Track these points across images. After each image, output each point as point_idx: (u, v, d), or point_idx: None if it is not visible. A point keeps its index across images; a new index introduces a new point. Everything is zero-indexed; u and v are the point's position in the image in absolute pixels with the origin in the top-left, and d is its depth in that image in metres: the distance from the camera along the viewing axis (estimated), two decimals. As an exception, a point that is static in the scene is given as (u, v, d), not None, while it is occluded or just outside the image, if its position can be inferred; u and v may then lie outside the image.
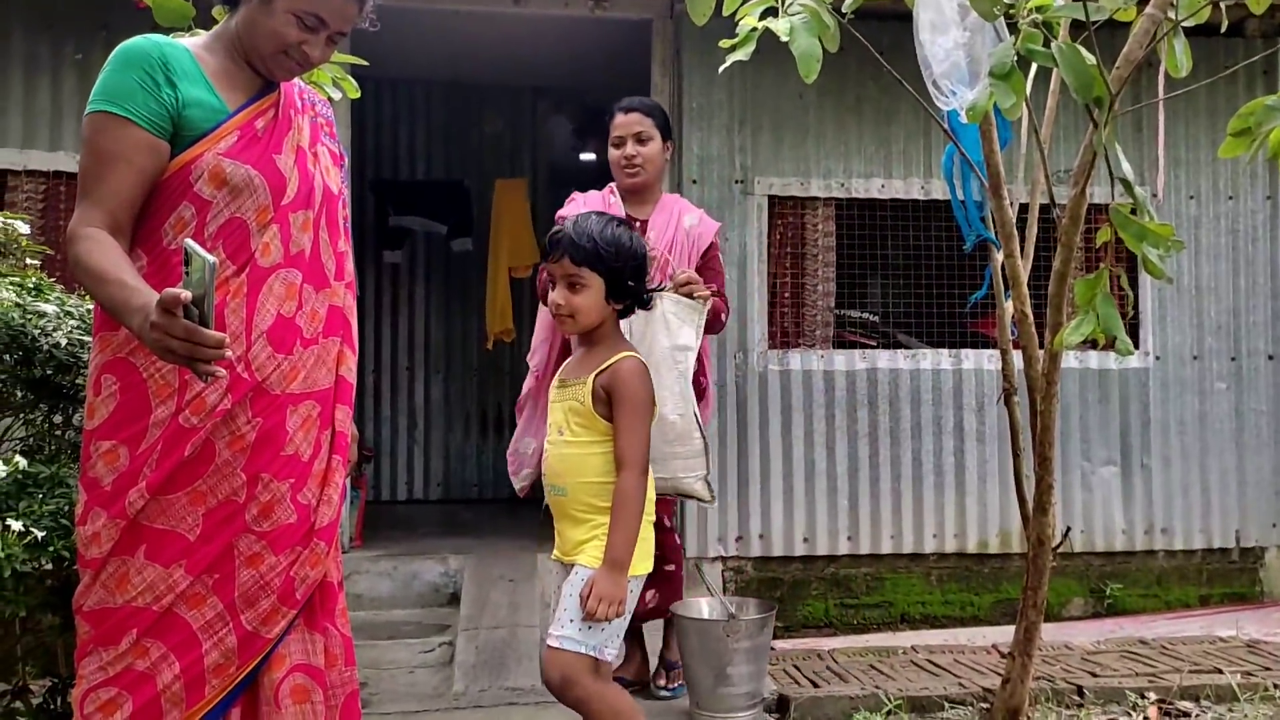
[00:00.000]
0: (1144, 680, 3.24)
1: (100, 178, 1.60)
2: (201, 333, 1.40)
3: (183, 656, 1.63)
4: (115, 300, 1.51)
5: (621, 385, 2.09)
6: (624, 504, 2.04)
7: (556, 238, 2.14)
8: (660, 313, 2.72)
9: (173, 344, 1.41)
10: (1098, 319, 2.20)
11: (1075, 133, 4.44)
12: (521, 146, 6.53)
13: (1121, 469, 4.58)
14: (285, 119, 1.76)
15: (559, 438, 2.15)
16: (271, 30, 1.67)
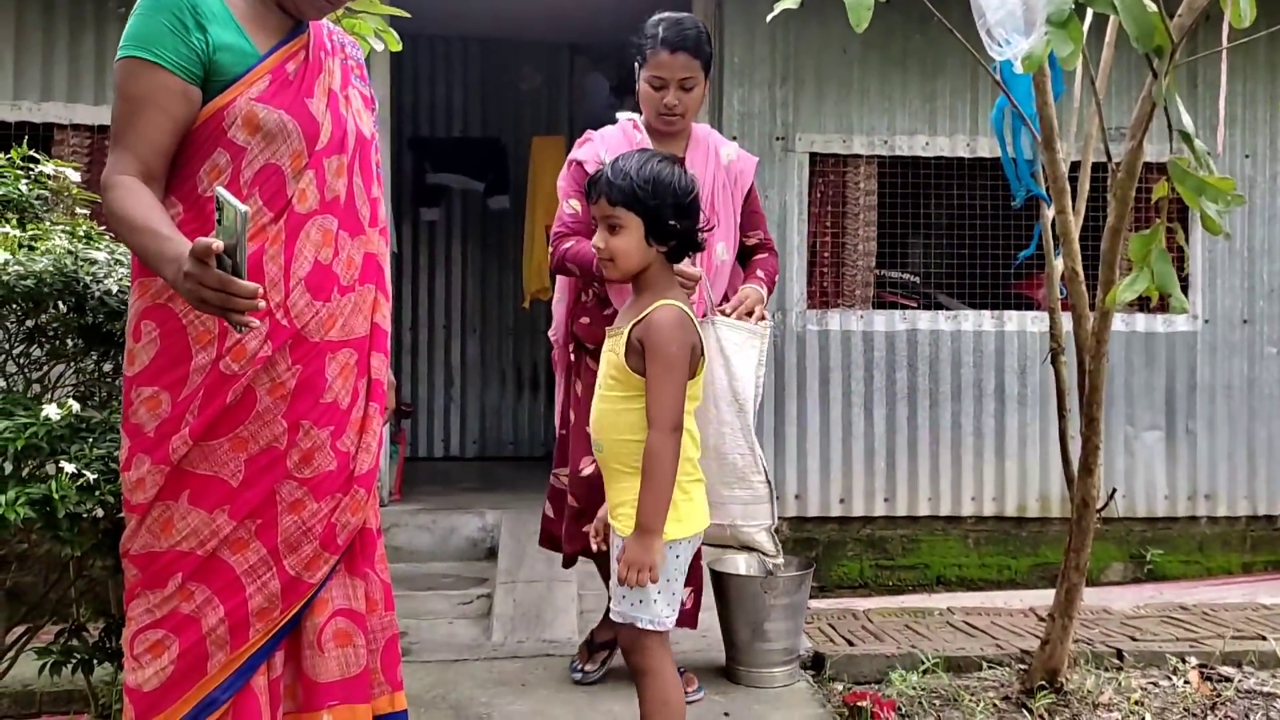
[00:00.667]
0: (1185, 645, 3.20)
1: (132, 124, 1.58)
2: (235, 283, 1.38)
3: (227, 600, 1.65)
4: (149, 250, 1.49)
5: (653, 336, 1.94)
6: (652, 465, 1.91)
7: (595, 178, 2.03)
8: (714, 341, 2.43)
9: (206, 294, 1.39)
10: (1152, 276, 2.15)
11: (1128, 89, 4.32)
12: (559, 104, 6.47)
13: (1166, 434, 4.51)
14: (316, 61, 1.72)
15: (600, 391, 2.05)
16: None
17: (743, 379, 2.44)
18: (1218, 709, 2.63)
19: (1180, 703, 2.67)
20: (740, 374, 2.44)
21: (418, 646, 3.18)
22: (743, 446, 2.42)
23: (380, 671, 1.81)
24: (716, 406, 2.39)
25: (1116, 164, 2.39)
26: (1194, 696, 2.72)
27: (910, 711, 2.63)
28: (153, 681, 1.63)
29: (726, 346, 2.46)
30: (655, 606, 1.96)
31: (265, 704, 1.67)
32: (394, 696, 1.83)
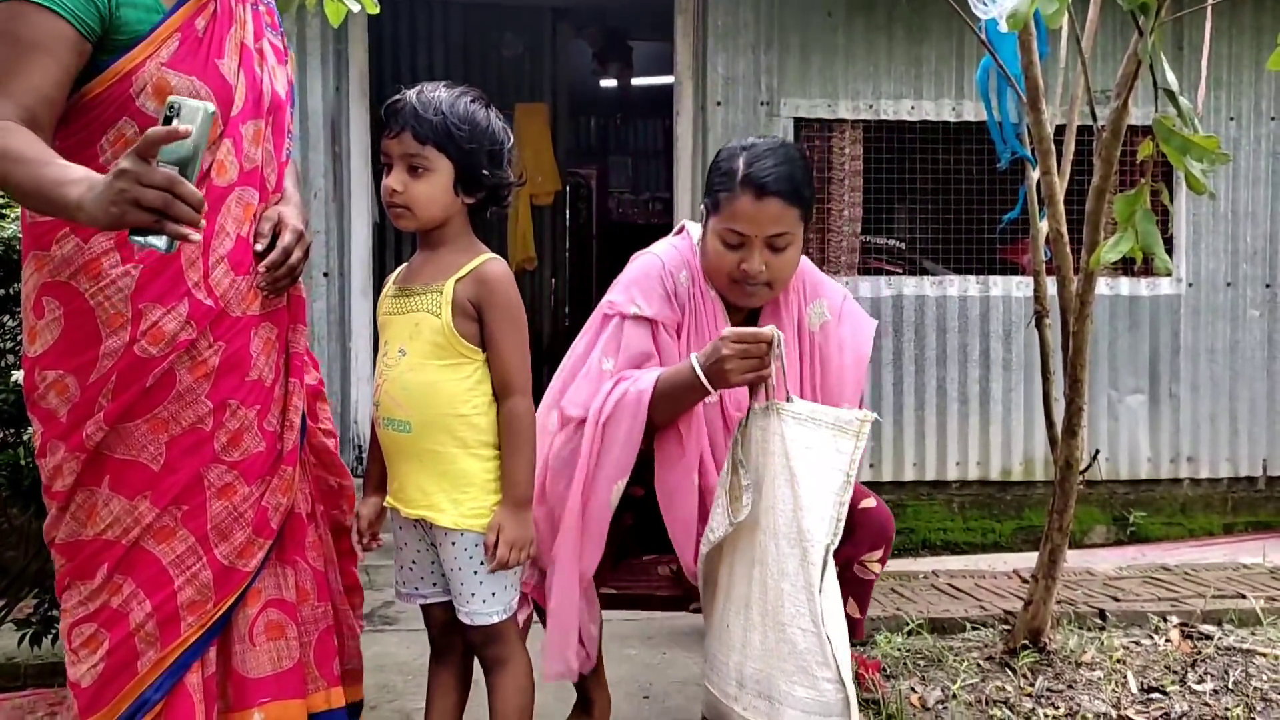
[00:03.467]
0: (1166, 604, 3.24)
1: (15, 71, 1.41)
2: (185, 184, 1.21)
3: (154, 594, 1.56)
4: (44, 179, 1.32)
5: (495, 295, 1.70)
6: (521, 434, 1.71)
7: (396, 107, 1.71)
8: (777, 444, 1.71)
9: (144, 194, 1.20)
10: (1136, 236, 2.14)
11: (1114, 53, 4.30)
12: (541, 71, 6.41)
13: (1149, 397, 4.54)
14: (225, 13, 1.59)
15: (399, 358, 1.72)
16: None
17: (814, 510, 1.65)
18: (1198, 666, 2.66)
19: (1161, 660, 2.70)
20: (810, 501, 1.66)
21: (405, 615, 3.18)
22: (805, 618, 1.65)
23: (314, 666, 1.71)
24: (775, 544, 1.69)
25: (1102, 126, 2.38)
26: (1175, 654, 2.76)
27: (895, 672, 2.66)
28: (88, 678, 1.56)
29: (794, 453, 1.69)
30: (515, 587, 1.77)
31: (200, 702, 1.58)
32: (330, 692, 1.73)
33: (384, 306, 1.80)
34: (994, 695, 2.48)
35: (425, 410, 1.70)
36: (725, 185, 1.91)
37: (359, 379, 4.18)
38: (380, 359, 1.77)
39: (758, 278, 1.91)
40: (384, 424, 1.74)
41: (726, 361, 1.73)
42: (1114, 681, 2.55)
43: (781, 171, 1.89)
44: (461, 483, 1.70)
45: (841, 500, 1.65)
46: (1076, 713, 2.37)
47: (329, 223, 4.13)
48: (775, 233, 1.89)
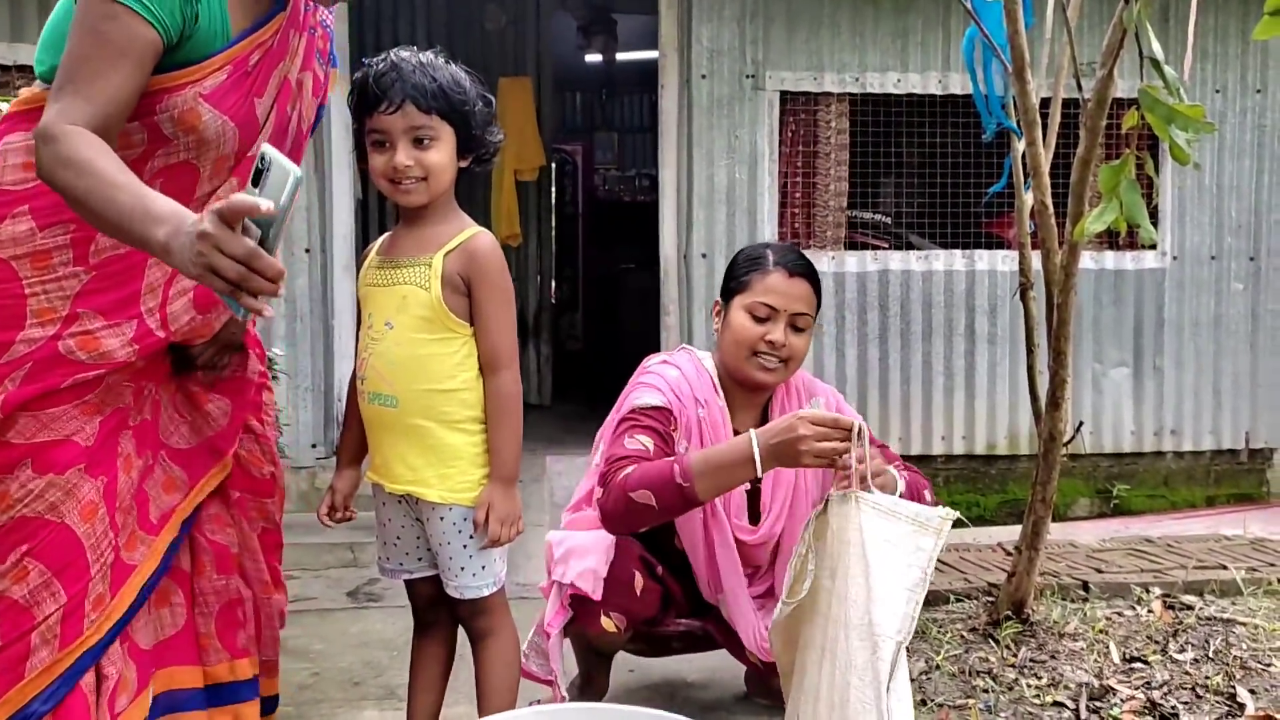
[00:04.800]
0: (1149, 576, 3.26)
1: (100, 73, 1.33)
2: (264, 257, 1.16)
3: (71, 584, 1.41)
4: (124, 207, 1.24)
5: (485, 269, 1.68)
6: (509, 409, 1.70)
7: (385, 82, 1.64)
8: (855, 533, 1.64)
9: (222, 264, 1.15)
10: (1121, 207, 2.13)
11: (1100, 23, 4.28)
12: (525, 44, 6.34)
13: (1133, 370, 4.56)
14: (281, 46, 1.52)
15: (386, 331, 1.69)
16: None
17: (888, 604, 1.59)
18: (1179, 635, 2.68)
19: (1143, 631, 2.72)
20: (883, 594, 1.59)
21: (389, 592, 3.18)
22: (871, 714, 1.57)
23: (216, 637, 1.63)
24: (846, 636, 1.63)
25: (1087, 98, 2.36)
26: (1157, 624, 2.78)
27: (880, 644, 2.67)
28: None
29: (871, 546, 1.62)
30: (501, 562, 1.76)
31: (94, 704, 1.44)
32: (234, 664, 1.65)
33: (366, 278, 1.75)
34: (977, 666, 2.49)
35: (412, 385, 1.67)
36: (755, 267, 2.07)
37: (342, 356, 4.15)
38: (364, 331, 1.73)
39: (780, 351, 2.04)
40: (369, 398, 1.71)
41: (802, 442, 1.71)
42: (1096, 652, 2.56)
43: (806, 261, 2.12)
44: (448, 457, 1.68)
45: (917, 598, 1.59)
46: (1059, 682, 2.39)
47: (310, 199, 4.09)
48: (799, 311, 2.05)
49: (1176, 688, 2.35)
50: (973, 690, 2.37)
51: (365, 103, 1.66)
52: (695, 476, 1.81)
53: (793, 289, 2.04)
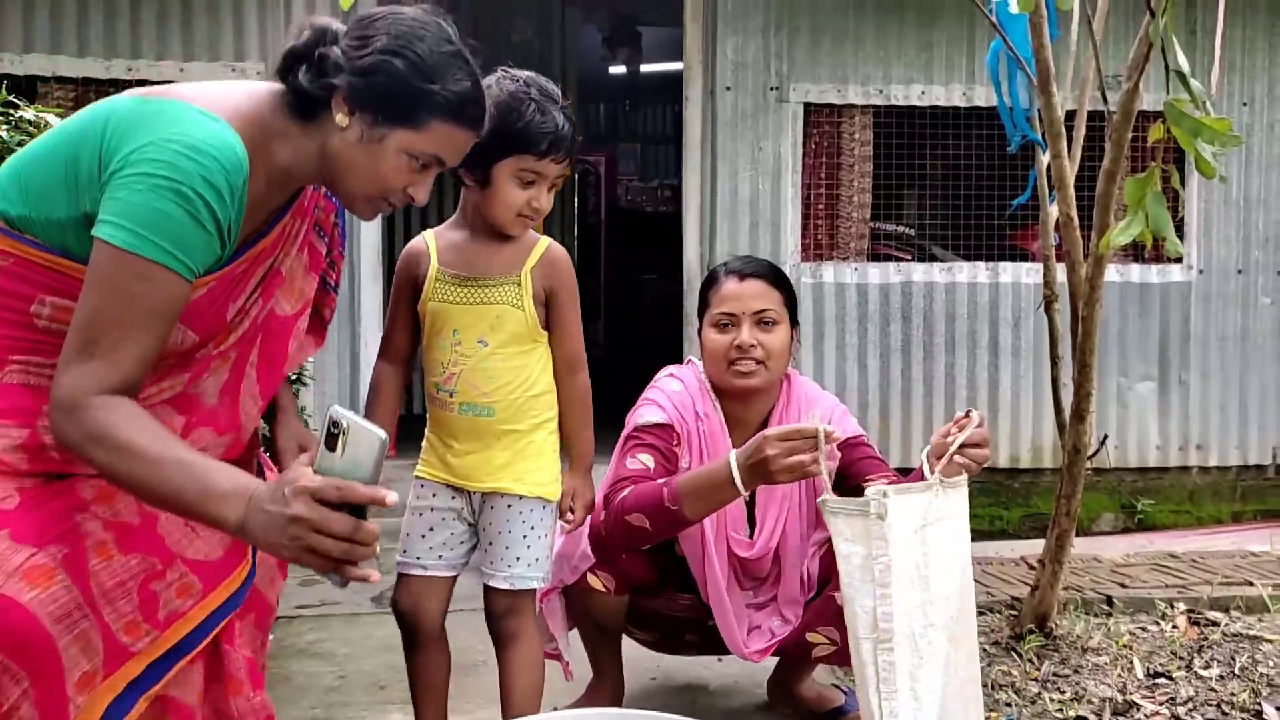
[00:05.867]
0: (1173, 591, 3.23)
1: (130, 337, 1.21)
2: (365, 528, 1.10)
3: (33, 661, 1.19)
4: (179, 488, 1.16)
5: (564, 277, 1.81)
6: (588, 405, 1.87)
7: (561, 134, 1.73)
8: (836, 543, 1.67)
9: (325, 545, 1.09)
10: (1147, 219, 2.13)
11: (1125, 36, 4.27)
12: (550, 55, 6.39)
13: (1158, 384, 4.53)
14: (273, 245, 1.42)
15: (479, 348, 1.78)
16: (378, 173, 1.35)
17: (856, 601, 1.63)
18: (1204, 651, 2.66)
19: (1168, 646, 2.70)
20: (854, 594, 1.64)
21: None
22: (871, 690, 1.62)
23: None
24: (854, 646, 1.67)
25: (1112, 110, 2.37)
26: (1181, 640, 2.76)
27: (901, 656, 2.67)
28: None
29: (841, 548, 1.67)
30: (548, 563, 1.86)
31: None
32: None
33: (441, 294, 1.80)
34: (1000, 679, 2.48)
35: (509, 394, 1.79)
36: (711, 284, 2.12)
37: (367, 363, 4.20)
38: (451, 348, 1.80)
39: (750, 351, 2.03)
40: (459, 409, 1.80)
41: (771, 461, 1.75)
42: (1120, 666, 2.55)
43: (761, 263, 2.14)
44: (532, 454, 1.81)
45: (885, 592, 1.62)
46: (1082, 697, 2.38)
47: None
48: (760, 308, 2.05)
49: (1202, 704, 2.33)
50: (995, 704, 2.36)
51: (524, 143, 1.71)
52: (683, 499, 1.86)
53: (745, 290, 2.06)
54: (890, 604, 1.61)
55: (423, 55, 1.33)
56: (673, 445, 2.07)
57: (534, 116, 1.72)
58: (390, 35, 1.33)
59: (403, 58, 1.32)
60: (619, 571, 2.07)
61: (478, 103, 1.40)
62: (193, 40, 4.05)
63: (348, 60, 1.32)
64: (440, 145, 1.37)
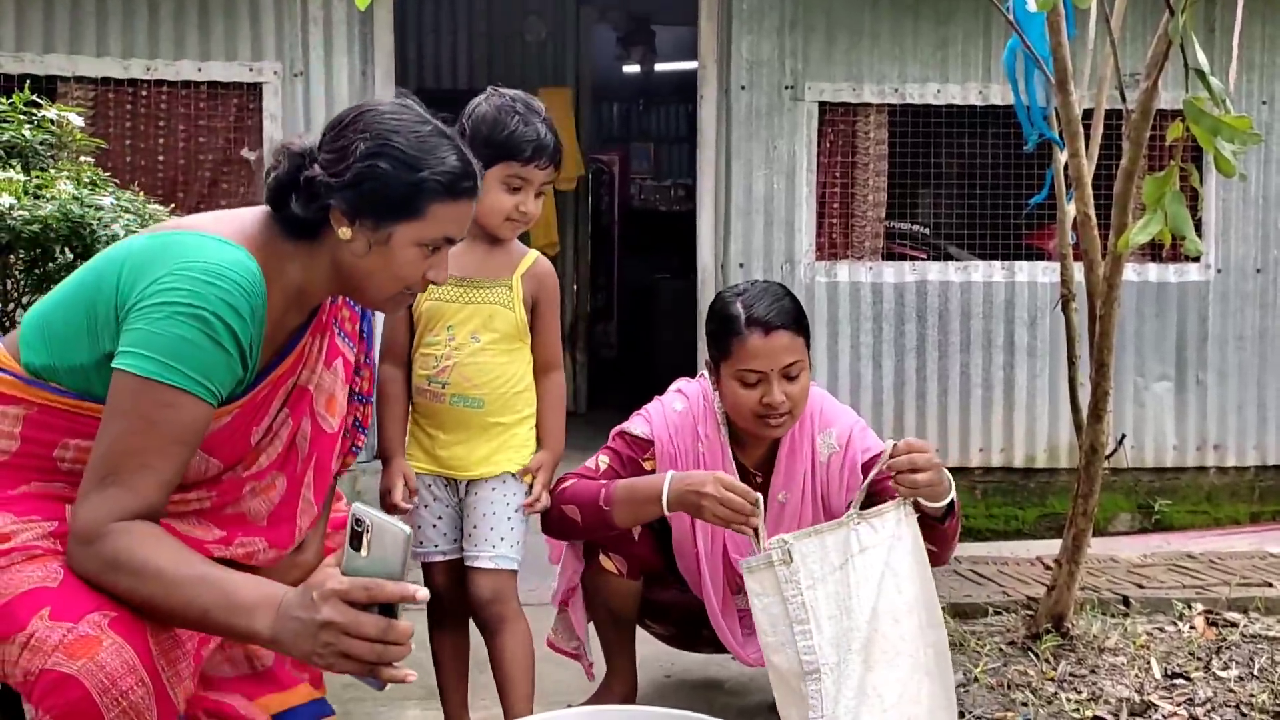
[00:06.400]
0: (1191, 592, 3.22)
1: (151, 464, 1.21)
2: (398, 626, 1.09)
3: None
4: (205, 604, 1.14)
5: (548, 289, 2.00)
6: (563, 400, 2.07)
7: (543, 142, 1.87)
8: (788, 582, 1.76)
9: (358, 648, 1.08)
10: (1165, 218, 2.12)
11: (1143, 34, 4.25)
12: (565, 55, 6.40)
13: (1176, 384, 4.50)
14: (293, 366, 1.43)
15: (472, 344, 1.93)
16: (394, 272, 1.37)
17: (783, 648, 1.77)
18: (1222, 653, 2.65)
19: (1185, 647, 2.69)
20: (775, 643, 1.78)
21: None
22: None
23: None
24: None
25: (1130, 109, 2.36)
26: (1199, 641, 2.74)
27: (917, 656, 2.66)
28: None
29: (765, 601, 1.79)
30: (521, 547, 1.97)
31: None
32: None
33: (439, 293, 1.92)
34: (1016, 679, 2.47)
35: (497, 388, 1.95)
36: (732, 331, 2.00)
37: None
38: (444, 342, 1.94)
39: (780, 408, 1.99)
40: (450, 400, 1.94)
41: (705, 499, 1.81)
42: (1137, 667, 2.54)
43: (780, 306, 2.01)
44: (516, 445, 1.99)
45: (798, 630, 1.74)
46: (1099, 697, 2.36)
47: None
48: (788, 362, 1.99)
49: (1220, 705, 2.32)
50: (1011, 703, 2.35)
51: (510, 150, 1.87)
52: (615, 503, 1.92)
53: (773, 345, 1.97)
54: (810, 639, 1.72)
55: (404, 147, 1.32)
56: (641, 457, 2.10)
57: (518, 126, 1.87)
58: (367, 138, 1.32)
59: (386, 156, 1.31)
60: (631, 554, 2.10)
61: (469, 173, 1.39)
62: (210, 40, 4.07)
63: (333, 177, 1.31)
64: (445, 225, 1.37)
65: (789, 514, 2.13)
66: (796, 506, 2.11)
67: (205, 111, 4.11)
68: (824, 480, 2.11)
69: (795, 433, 2.12)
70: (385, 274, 1.36)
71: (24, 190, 1.82)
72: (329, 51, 4.12)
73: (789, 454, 2.12)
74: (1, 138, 2.01)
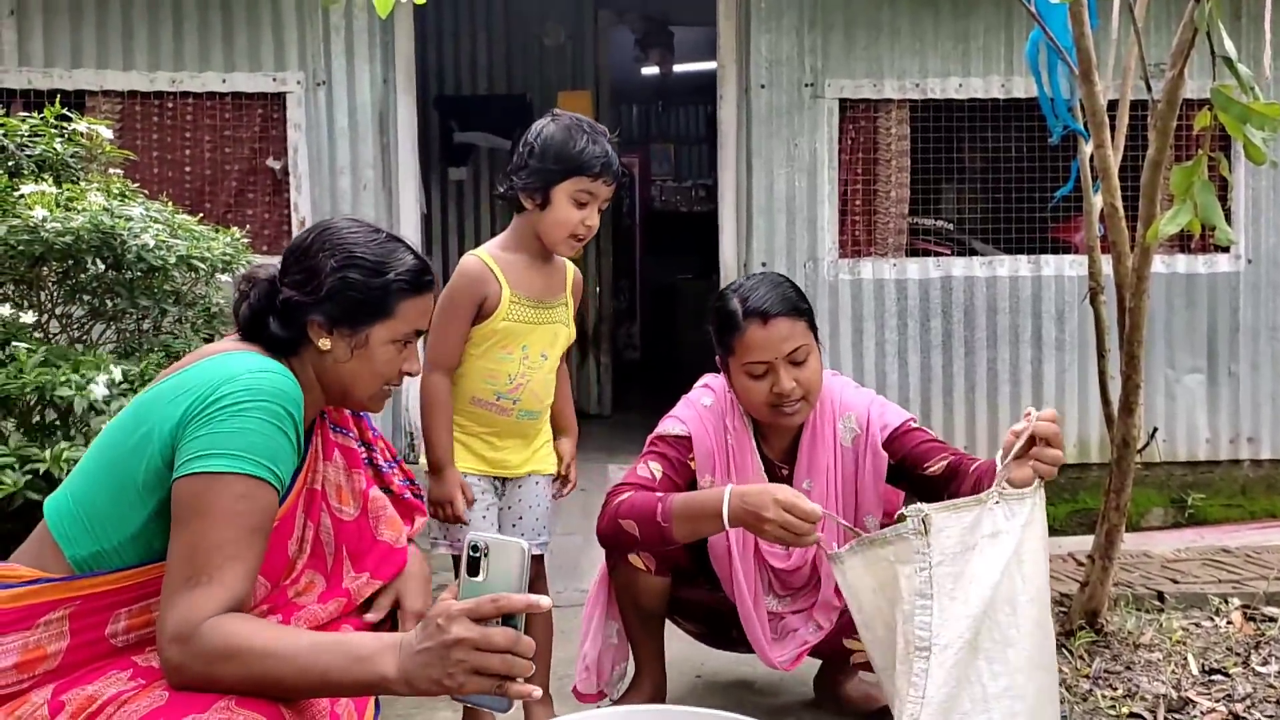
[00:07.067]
0: (1227, 587, 3.17)
1: (235, 556, 1.23)
2: (524, 639, 1.11)
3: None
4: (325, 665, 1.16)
5: (580, 294, 2.19)
6: (569, 385, 2.26)
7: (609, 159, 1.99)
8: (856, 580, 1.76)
9: (489, 662, 1.09)
10: (1195, 208, 2.10)
11: (1167, 23, 4.20)
12: (584, 58, 6.41)
13: (1207, 376, 4.44)
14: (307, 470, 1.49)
15: (541, 361, 2.06)
16: (375, 371, 1.47)
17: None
18: (1261, 648, 2.61)
19: (1223, 642, 2.65)
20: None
21: (458, 597, 3.23)
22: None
23: None
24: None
25: (1156, 100, 2.33)
26: (1237, 636, 2.70)
27: (948, 653, 2.64)
28: None
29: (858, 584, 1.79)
30: None
31: None
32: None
33: (516, 314, 2.03)
34: (1050, 676, 2.45)
35: (548, 399, 2.13)
36: (731, 327, 2.01)
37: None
38: (519, 360, 2.05)
39: (792, 395, 1.99)
40: (519, 415, 2.08)
41: (765, 522, 1.78)
42: (1174, 663, 2.50)
43: (776, 294, 2.01)
44: (543, 440, 2.19)
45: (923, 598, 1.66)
46: (1135, 693, 2.34)
47: (378, 213, 4.19)
48: (792, 348, 1.98)
49: (1260, 701, 2.28)
50: (1046, 700, 2.33)
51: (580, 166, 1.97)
52: (674, 519, 1.89)
53: (773, 334, 1.97)
54: (930, 615, 1.63)
55: (368, 256, 1.44)
56: (686, 457, 2.10)
57: (587, 144, 1.97)
58: (331, 253, 1.43)
59: (355, 266, 1.43)
60: (658, 554, 2.10)
61: (426, 268, 1.50)
62: (234, 51, 4.12)
63: (308, 295, 1.42)
64: (414, 320, 1.49)
65: (815, 501, 2.12)
66: (823, 494, 2.10)
67: (230, 122, 4.15)
68: (849, 465, 2.12)
69: (816, 421, 2.12)
70: (367, 373, 1.47)
71: (55, 203, 1.85)
72: (351, 60, 4.15)
73: (811, 442, 2.13)
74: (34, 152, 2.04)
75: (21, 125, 2.07)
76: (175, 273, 2.03)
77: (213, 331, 2.12)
